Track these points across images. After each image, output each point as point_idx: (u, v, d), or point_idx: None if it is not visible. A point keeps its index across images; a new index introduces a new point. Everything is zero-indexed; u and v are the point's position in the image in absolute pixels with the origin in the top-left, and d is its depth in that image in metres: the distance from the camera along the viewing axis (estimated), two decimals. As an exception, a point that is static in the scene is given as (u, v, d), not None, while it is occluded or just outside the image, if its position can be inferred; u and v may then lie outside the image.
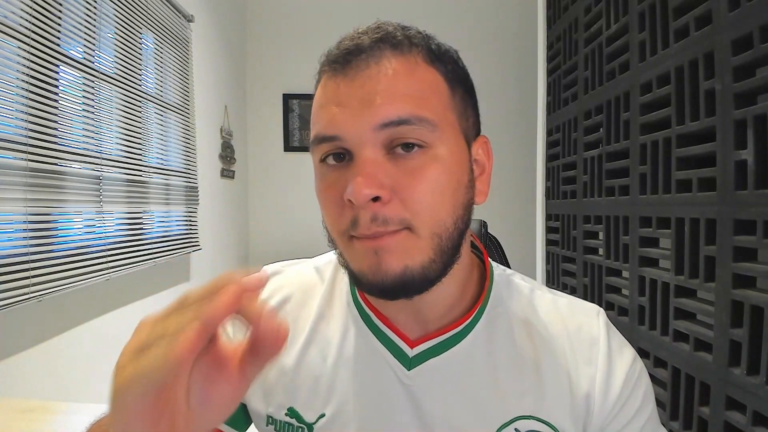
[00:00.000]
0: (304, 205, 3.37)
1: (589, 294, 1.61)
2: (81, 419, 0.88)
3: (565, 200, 1.85)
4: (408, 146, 0.42)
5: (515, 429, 0.46)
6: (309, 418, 0.49)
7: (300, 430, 0.50)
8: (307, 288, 0.55)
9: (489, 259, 0.54)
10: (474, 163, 0.49)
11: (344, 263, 0.46)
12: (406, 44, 0.44)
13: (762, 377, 0.87)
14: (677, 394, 1.12)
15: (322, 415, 0.49)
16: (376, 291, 0.43)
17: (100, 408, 0.89)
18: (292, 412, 0.50)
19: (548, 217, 2.07)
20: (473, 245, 0.55)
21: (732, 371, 0.94)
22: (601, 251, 1.57)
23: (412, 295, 0.44)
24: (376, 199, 0.41)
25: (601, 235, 1.54)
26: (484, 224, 0.86)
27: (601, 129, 1.54)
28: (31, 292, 1.27)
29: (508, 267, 0.62)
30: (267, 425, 0.52)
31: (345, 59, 0.43)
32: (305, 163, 3.38)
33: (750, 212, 0.91)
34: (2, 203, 1.21)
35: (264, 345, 0.31)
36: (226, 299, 0.29)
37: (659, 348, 1.19)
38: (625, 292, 1.41)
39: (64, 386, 1.47)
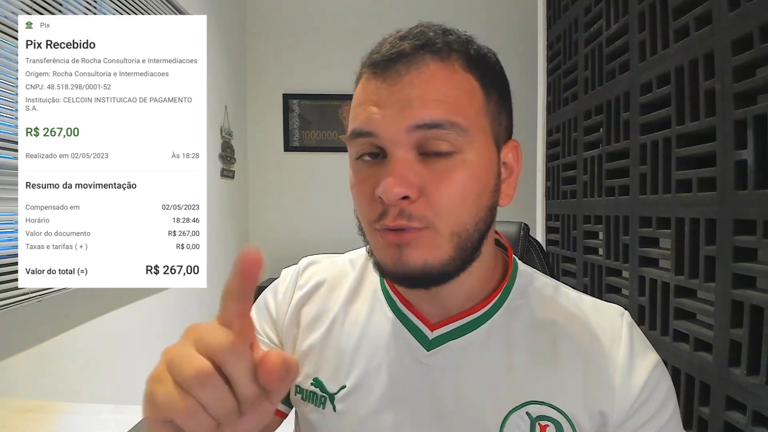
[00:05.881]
0: (303, 205, 3.37)
1: (588, 294, 1.61)
2: (81, 419, 0.88)
3: (565, 200, 1.85)
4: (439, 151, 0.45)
5: (527, 412, 0.47)
6: (331, 388, 0.54)
7: (323, 398, 0.54)
8: (339, 275, 0.60)
9: (514, 255, 0.57)
10: (502, 166, 0.52)
11: (370, 251, 0.50)
12: (446, 50, 0.47)
13: (762, 377, 0.87)
14: (677, 394, 1.12)
15: (343, 387, 0.53)
16: (396, 279, 0.48)
17: (100, 408, 0.89)
18: (317, 383, 0.55)
19: (548, 217, 2.07)
20: (499, 242, 0.59)
21: (732, 371, 0.94)
22: (601, 251, 1.57)
23: (429, 287, 0.48)
24: (405, 197, 0.44)
25: (601, 235, 1.54)
26: (524, 227, 0.84)
27: (601, 129, 1.54)
28: (31, 292, 1.27)
29: (548, 271, 0.63)
30: (295, 394, 0.56)
31: (386, 64, 0.46)
32: (305, 163, 3.38)
33: (750, 212, 0.91)
34: (1, 203, 1.21)
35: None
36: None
37: (659, 348, 1.18)
38: (625, 292, 1.41)
39: (64, 386, 1.47)
